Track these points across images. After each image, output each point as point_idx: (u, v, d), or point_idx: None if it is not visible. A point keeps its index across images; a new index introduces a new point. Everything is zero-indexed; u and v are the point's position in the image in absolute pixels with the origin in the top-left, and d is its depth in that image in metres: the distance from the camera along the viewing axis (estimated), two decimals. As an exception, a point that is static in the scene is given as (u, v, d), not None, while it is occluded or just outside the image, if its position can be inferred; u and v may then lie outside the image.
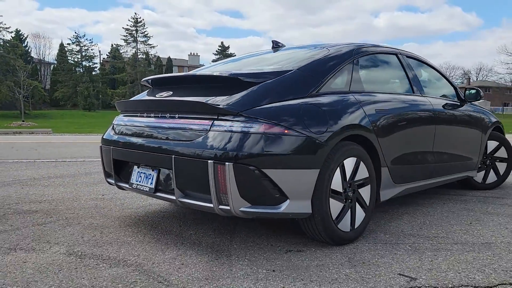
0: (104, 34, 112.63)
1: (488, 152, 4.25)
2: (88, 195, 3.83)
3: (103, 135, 2.97)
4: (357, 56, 2.87)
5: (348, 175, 2.47)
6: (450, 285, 1.95)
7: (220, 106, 2.20)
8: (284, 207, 2.19)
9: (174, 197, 2.30)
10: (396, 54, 3.31)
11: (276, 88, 2.38)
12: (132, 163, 2.64)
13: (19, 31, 46.85)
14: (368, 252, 2.38)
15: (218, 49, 64.99)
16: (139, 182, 2.53)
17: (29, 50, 47.66)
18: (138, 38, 42.17)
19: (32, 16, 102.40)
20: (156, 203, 3.53)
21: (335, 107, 2.49)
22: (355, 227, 2.53)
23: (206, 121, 2.24)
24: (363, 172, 2.57)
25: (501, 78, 56.10)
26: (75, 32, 67.78)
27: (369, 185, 2.63)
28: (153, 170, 2.47)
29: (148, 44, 42.42)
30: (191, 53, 71.34)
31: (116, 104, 2.93)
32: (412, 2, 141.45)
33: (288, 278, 2.00)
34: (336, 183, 2.39)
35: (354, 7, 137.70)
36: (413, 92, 3.26)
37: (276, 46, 3.35)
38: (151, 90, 2.95)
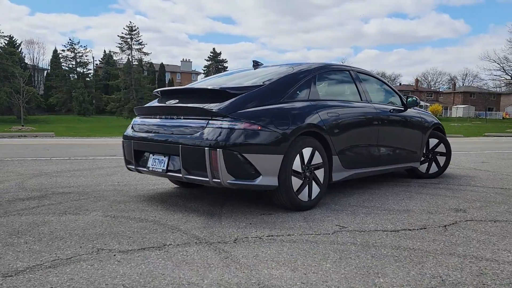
0: (96, 39, 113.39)
1: (430, 147, 5.25)
2: (106, 182, 4.74)
3: (124, 133, 3.90)
4: (315, 73, 3.84)
5: (306, 160, 3.42)
6: (367, 230, 2.91)
7: (213, 110, 3.15)
8: (258, 181, 3.13)
9: (180, 175, 3.24)
10: (348, 71, 4.30)
11: (254, 97, 3.33)
12: (148, 152, 3.57)
13: (12, 37, 47.38)
14: (319, 214, 3.34)
15: (210, 55, 65.95)
16: (154, 165, 3.46)
17: (24, 56, 48.24)
18: (133, 46, 42.99)
19: (22, 21, 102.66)
20: (162, 187, 4.45)
21: (296, 111, 3.45)
22: (312, 198, 3.48)
23: (203, 121, 3.19)
24: (317, 158, 3.53)
25: (484, 84, 57.81)
26: (70, 39, 68.34)
27: (323, 168, 3.59)
28: (164, 156, 3.40)
29: (143, 52, 43.34)
30: (183, 59, 72.33)
31: (135, 109, 3.86)
32: (401, 8, 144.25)
33: (259, 227, 2.94)
34: (297, 165, 3.34)
35: (345, 14, 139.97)
36: (361, 100, 4.24)
37: (256, 65, 4.31)
38: (161, 99, 3.88)
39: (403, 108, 4.81)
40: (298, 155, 3.35)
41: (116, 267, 2.15)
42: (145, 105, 3.90)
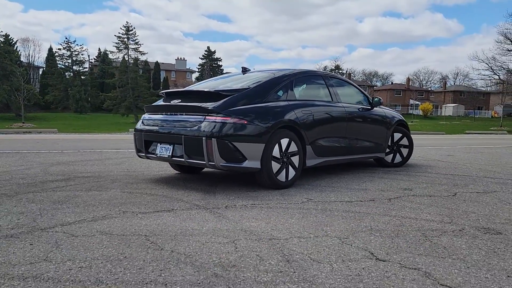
0: (90, 36, 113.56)
1: (395, 141, 6.12)
2: (117, 169, 5.56)
3: (135, 126, 4.73)
4: (293, 78, 4.69)
5: (283, 148, 4.26)
6: (328, 201, 3.76)
7: (209, 108, 3.98)
8: (244, 164, 3.98)
9: (183, 159, 4.07)
10: (321, 76, 5.15)
11: (242, 98, 4.16)
12: (156, 142, 4.40)
13: (8, 35, 47.69)
14: (293, 191, 4.19)
15: (205, 54, 66.67)
16: (161, 152, 4.29)
17: (20, 54, 48.63)
18: (130, 46, 43.67)
19: (16, 18, 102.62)
20: (166, 173, 5.28)
21: (276, 109, 4.30)
22: (288, 179, 4.33)
23: (201, 116, 4.02)
24: (293, 147, 4.37)
25: (473, 84, 59.12)
26: (66, 38, 68.83)
27: (298, 155, 4.43)
28: (170, 145, 4.23)
29: (139, 51, 44.06)
30: (178, 58, 72.98)
31: (145, 107, 4.70)
32: (395, 8, 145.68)
33: (245, 199, 3.79)
34: (276, 152, 4.18)
35: (339, 13, 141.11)
36: (332, 100, 5.09)
37: (244, 70, 5.15)
38: (165, 98, 4.70)
39: (369, 107, 5.67)
40: (277, 144, 4.19)
41: (139, 220, 2.98)
42: (153, 104, 4.72)
